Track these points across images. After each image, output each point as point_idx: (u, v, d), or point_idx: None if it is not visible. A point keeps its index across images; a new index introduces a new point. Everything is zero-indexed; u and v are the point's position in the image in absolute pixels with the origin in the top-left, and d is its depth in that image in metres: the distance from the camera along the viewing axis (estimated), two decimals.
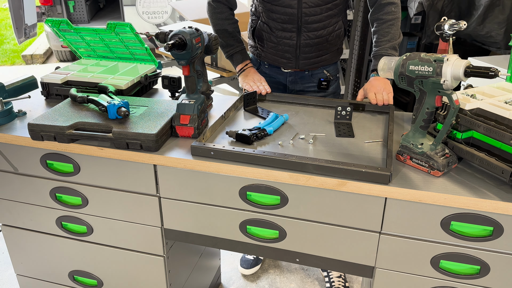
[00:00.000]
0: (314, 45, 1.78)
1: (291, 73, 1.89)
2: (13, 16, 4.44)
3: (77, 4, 5.66)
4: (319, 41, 1.77)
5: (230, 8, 1.84)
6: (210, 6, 1.83)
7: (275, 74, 1.92)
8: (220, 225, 1.36)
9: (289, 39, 1.77)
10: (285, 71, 1.89)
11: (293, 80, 1.91)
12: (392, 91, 1.63)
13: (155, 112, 1.41)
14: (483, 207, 1.08)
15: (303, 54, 1.80)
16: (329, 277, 2.13)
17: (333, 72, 1.93)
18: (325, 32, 1.76)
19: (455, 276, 1.21)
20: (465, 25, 1.41)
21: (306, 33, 1.74)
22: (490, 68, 1.01)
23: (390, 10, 1.70)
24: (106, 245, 1.55)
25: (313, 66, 1.85)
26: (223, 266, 2.28)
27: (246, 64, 1.84)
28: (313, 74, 1.89)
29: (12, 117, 1.48)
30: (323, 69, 1.89)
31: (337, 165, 1.16)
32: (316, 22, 1.72)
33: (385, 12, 1.71)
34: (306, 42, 1.76)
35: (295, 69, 1.87)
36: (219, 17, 1.81)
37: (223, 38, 1.84)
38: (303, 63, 1.83)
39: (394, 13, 1.70)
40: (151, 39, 2.08)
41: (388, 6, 1.70)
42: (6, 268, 2.27)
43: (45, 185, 1.48)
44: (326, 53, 1.83)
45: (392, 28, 1.70)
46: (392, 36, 1.70)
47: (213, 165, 1.24)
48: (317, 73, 1.89)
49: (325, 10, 1.71)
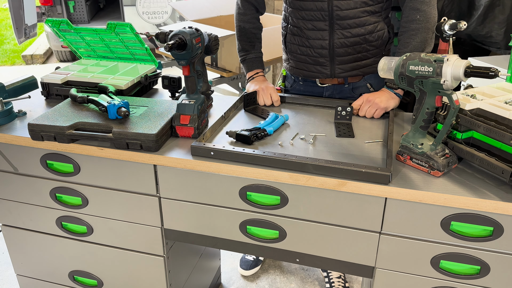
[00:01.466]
0: (350, 46, 1.59)
1: (328, 87, 1.70)
2: (13, 16, 4.44)
3: (77, 4, 5.66)
4: (356, 41, 1.58)
5: (257, 11, 1.75)
6: (236, 6, 1.76)
7: (310, 90, 1.74)
8: (220, 225, 1.36)
9: (321, 39, 1.60)
10: (321, 86, 1.71)
11: (330, 95, 1.72)
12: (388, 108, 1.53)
13: (155, 112, 1.41)
14: (483, 207, 1.08)
15: (338, 56, 1.61)
16: (329, 277, 2.13)
17: (377, 86, 1.68)
18: (362, 30, 1.57)
19: (455, 276, 1.21)
20: (465, 25, 1.41)
21: (340, 30, 1.57)
22: (490, 68, 1.01)
23: (414, 17, 1.51)
24: (106, 245, 1.55)
25: (352, 73, 1.64)
26: (223, 266, 2.28)
27: (257, 72, 1.74)
28: (354, 88, 1.69)
29: (12, 117, 1.48)
30: (366, 81, 1.68)
31: (337, 165, 1.16)
32: (350, 17, 1.55)
33: (408, 20, 1.53)
34: (340, 41, 1.58)
35: (332, 81, 1.68)
36: (242, 18, 1.74)
37: (240, 42, 1.77)
38: (339, 69, 1.63)
39: (418, 22, 1.51)
40: (151, 39, 2.08)
41: (412, 12, 1.52)
42: (6, 268, 2.27)
43: (45, 185, 1.48)
44: (366, 57, 1.62)
45: (414, 39, 1.52)
46: (414, 48, 1.51)
47: (213, 165, 1.24)
48: (358, 87, 1.69)
49: (360, 5, 1.53)
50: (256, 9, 1.76)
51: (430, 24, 1.52)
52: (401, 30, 1.57)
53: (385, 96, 1.54)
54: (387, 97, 1.54)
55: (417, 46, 1.53)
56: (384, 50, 1.66)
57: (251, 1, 1.74)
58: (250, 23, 1.76)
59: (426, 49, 1.54)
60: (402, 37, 1.56)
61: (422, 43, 1.52)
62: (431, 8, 1.52)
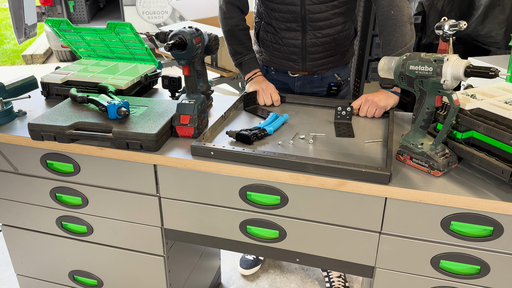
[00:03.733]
0: (321, 45, 1.70)
1: (299, 77, 1.81)
2: (13, 16, 4.44)
3: (77, 4, 5.66)
4: (326, 41, 1.69)
5: (242, 12, 1.76)
6: (220, 11, 1.76)
7: (282, 79, 1.84)
8: (220, 225, 1.36)
9: (294, 39, 1.69)
10: (292, 76, 1.81)
11: (301, 84, 1.82)
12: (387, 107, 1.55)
13: (155, 112, 1.41)
14: (483, 207, 1.08)
15: (310, 54, 1.72)
16: (329, 277, 2.13)
17: (344, 76, 1.83)
18: (332, 31, 1.67)
19: (455, 276, 1.21)
20: (465, 25, 1.41)
21: (312, 31, 1.66)
22: (490, 68, 1.01)
23: (389, 14, 1.56)
24: (106, 245, 1.55)
25: (321, 68, 1.76)
26: (223, 266, 2.28)
27: (255, 73, 1.75)
28: (323, 78, 1.81)
29: (12, 117, 1.48)
30: (333, 72, 1.80)
31: (337, 165, 1.16)
32: (321, 20, 1.64)
33: (384, 18, 1.58)
34: (312, 41, 1.68)
35: (302, 73, 1.79)
36: (228, 22, 1.75)
37: (232, 45, 1.77)
38: (310, 65, 1.75)
39: (394, 17, 1.55)
40: (151, 39, 2.09)
41: (386, 10, 1.57)
42: (6, 268, 2.27)
43: (45, 185, 1.48)
44: (334, 54, 1.74)
45: (394, 35, 1.56)
46: (396, 43, 1.55)
47: (213, 165, 1.24)
48: (327, 77, 1.81)
49: (331, 8, 1.62)
50: (241, 10, 1.77)
51: (405, 17, 1.56)
52: (380, 29, 1.61)
53: (383, 95, 1.56)
54: (385, 96, 1.56)
55: (399, 40, 1.56)
56: (350, 45, 1.80)
57: (235, 3, 1.74)
58: (237, 25, 1.76)
59: (409, 42, 1.56)
60: (382, 36, 1.61)
61: (402, 36, 1.56)
62: (403, 2, 1.56)
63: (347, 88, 1.89)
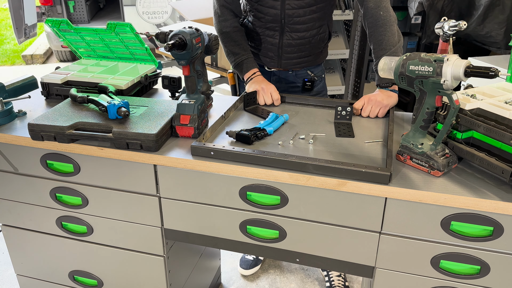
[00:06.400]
0: (296, 46, 1.79)
1: (275, 72, 1.90)
2: (13, 16, 4.44)
3: (77, 4, 5.66)
4: (301, 43, 1.78)
5: (235, 15, 1.80)
6: (215, 15, 1.81)
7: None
8: (220, 225, 1.36)
9: (272, 38, 1.78)
10: (268, 70, 1.89)
11: (277, 79, 1.91)
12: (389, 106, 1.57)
13: (155, 112, 1.41)
14: (483, 207, 1.08)
15: (285, 54, 1.81)
16: (329, 276, 2.13)
17: (318, 73, 1.93)
18: (308, 34, 1.77)
19: (455, 276, 1.21)
20: (465, 25, 1.41)
21: (289, 33, 1.75)
22: (490, 68, 1.01)
23: (378, 15, 1.61)
24: (106, 245, 1.55)
25: (295, 66, 1.86)
26: (223, 266, 2.28)
27: (254, 72, 1.77)
28: (297, 74, 1.90)
29: (12, 117, 1.48)
30: (307, 69, 1.89)
31: (337, 165, 1.16)
32: (299, 23, 1.73)
33: (374, 19, 1.62)
34: (288, 42, 1.77)
35: (278, 68, 1.87)
36: (224, 25, 1.79)
37: (229, 47, 1.80)
38: (285, 63, 1.84)
39: (383, 17, 1.60)
40: (151, 39, 2.08)
41: (374, 11, 1.62)
42: (6, 268, 2.27)
43: (45, 185, 1.48)
44: (308, 55, 1.84)
45: (385, 35, 1.61)
46: (387, 43, 1.60)
47: (213, 165, 1.24)
48: (301, 74, 1.90)
49: (309, 13, 1.71)
50: (235, 13, 1.81)
51: (392, 17, 1.63)
52: (370, 32, 1.66)
53: (384, 95, 1.58)
54: (386, 95, 1.58)
55: (390, 39, 1.61)
56: (324, 47, 1.90)
57: (228, 7, 1.79)
58: (232, 27, 1.80)
59: (399, 41, 1.62)
60: (373, 37, 1.65)
61: (393, 35, 1.62)
62: (388, 4, 1.65)
63: (321, 84, 1.96)
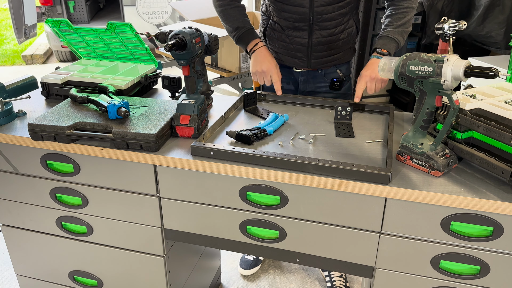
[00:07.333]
0: (326, 44, 1.75)
1: (303, 73, 1.85)
2: (13, 16, 4.44)
3: (77, 4, 5.66)
4: (331, 40, 1.75)
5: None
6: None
7: (287, 74, 1.86)
8: (220, 225, 1.36)
9: (300, 38, 1.74)
10: (297, 71, 1.85)
11: (305, 80, 1.87)
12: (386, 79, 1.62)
13: (155, 112, 1.41)
14: (483, 207, 1.08)
15: (315, 53, 1.77)
16: (330, 276, 2.13)
17: (346, 72, 1.90)
18: (337, 30, 1.73)
19: (455, 276, 1.21)
20: (465, 25, 1.41)
21: (318, 31, 1.72)
22: (490, 68, 1.01)
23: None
24: (106, 245, 1.55)
25: (325, 65, 1.82)
26: (223, 266, 2.28)
27: (256, 43, 1.74)
28: (326, 74, 1.86)
29: (12, 117, 1.48)
30: (336, 68, 1.86)
31: (337, 165, 1.16)
32: (328, 20, 1.70)
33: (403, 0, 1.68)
34: (318, 40, 1.73)
35: (306, 69, 1.83)
36: (221, 3, 1.76)
37: (228, 23, 1.77)
38: (315, 62, 1.80)
39: (411, 2, 1.67)
40: (151, 39, 2.08)
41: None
42: (6, 268, 2.27)
43: (45, 185, 1.48)
44: (338, 52, 1.80)
45: (406, 16, 1.66)
46: (405, 22, 1.66)
47: (213, 165, 1.24)
48: (330, 73, 1.86)
49: (337, 9, 1.68)
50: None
51: (416, 5, 1.69)
52: (393, 7, 1.70)
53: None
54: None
55: (408, 22, 1.68)
56: (353, 43, 1.86)
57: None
58: (230, 5, 1.76)
59: (411, 27, 1.70)
60: (395, 13, 1.69)
61: (409, 21, 1.68)
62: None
63: (348, 84, 1.93)
